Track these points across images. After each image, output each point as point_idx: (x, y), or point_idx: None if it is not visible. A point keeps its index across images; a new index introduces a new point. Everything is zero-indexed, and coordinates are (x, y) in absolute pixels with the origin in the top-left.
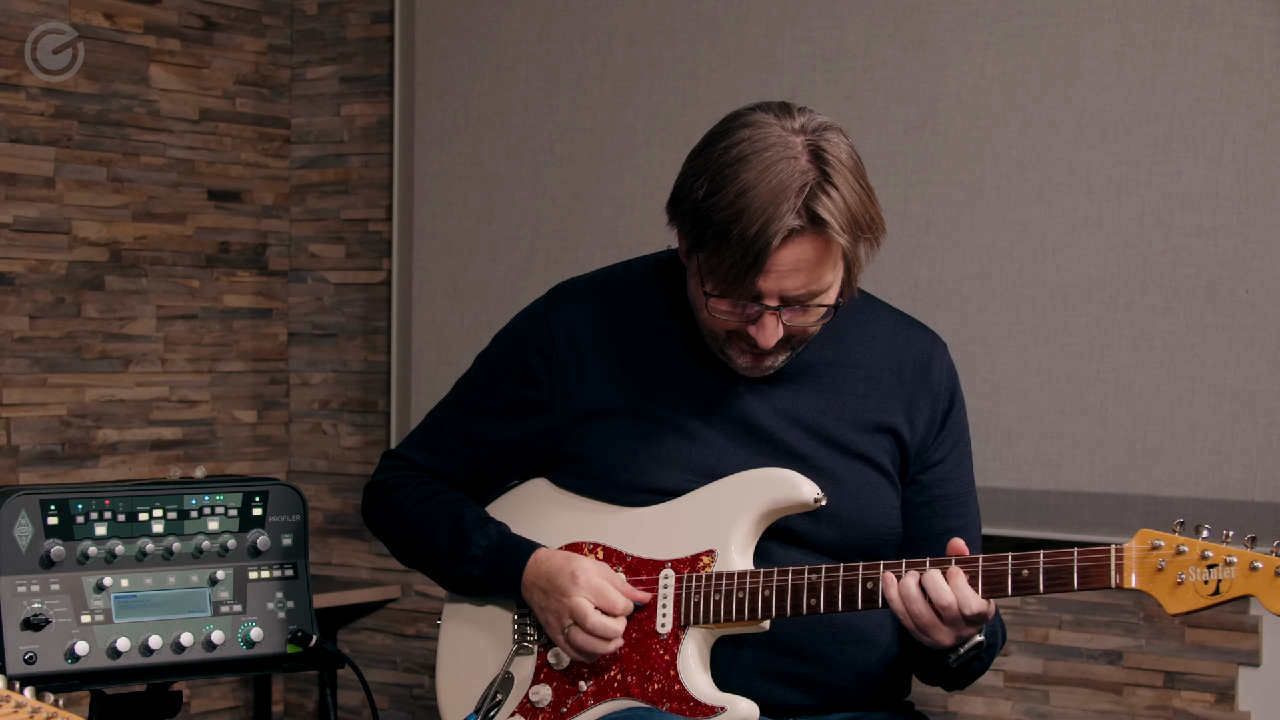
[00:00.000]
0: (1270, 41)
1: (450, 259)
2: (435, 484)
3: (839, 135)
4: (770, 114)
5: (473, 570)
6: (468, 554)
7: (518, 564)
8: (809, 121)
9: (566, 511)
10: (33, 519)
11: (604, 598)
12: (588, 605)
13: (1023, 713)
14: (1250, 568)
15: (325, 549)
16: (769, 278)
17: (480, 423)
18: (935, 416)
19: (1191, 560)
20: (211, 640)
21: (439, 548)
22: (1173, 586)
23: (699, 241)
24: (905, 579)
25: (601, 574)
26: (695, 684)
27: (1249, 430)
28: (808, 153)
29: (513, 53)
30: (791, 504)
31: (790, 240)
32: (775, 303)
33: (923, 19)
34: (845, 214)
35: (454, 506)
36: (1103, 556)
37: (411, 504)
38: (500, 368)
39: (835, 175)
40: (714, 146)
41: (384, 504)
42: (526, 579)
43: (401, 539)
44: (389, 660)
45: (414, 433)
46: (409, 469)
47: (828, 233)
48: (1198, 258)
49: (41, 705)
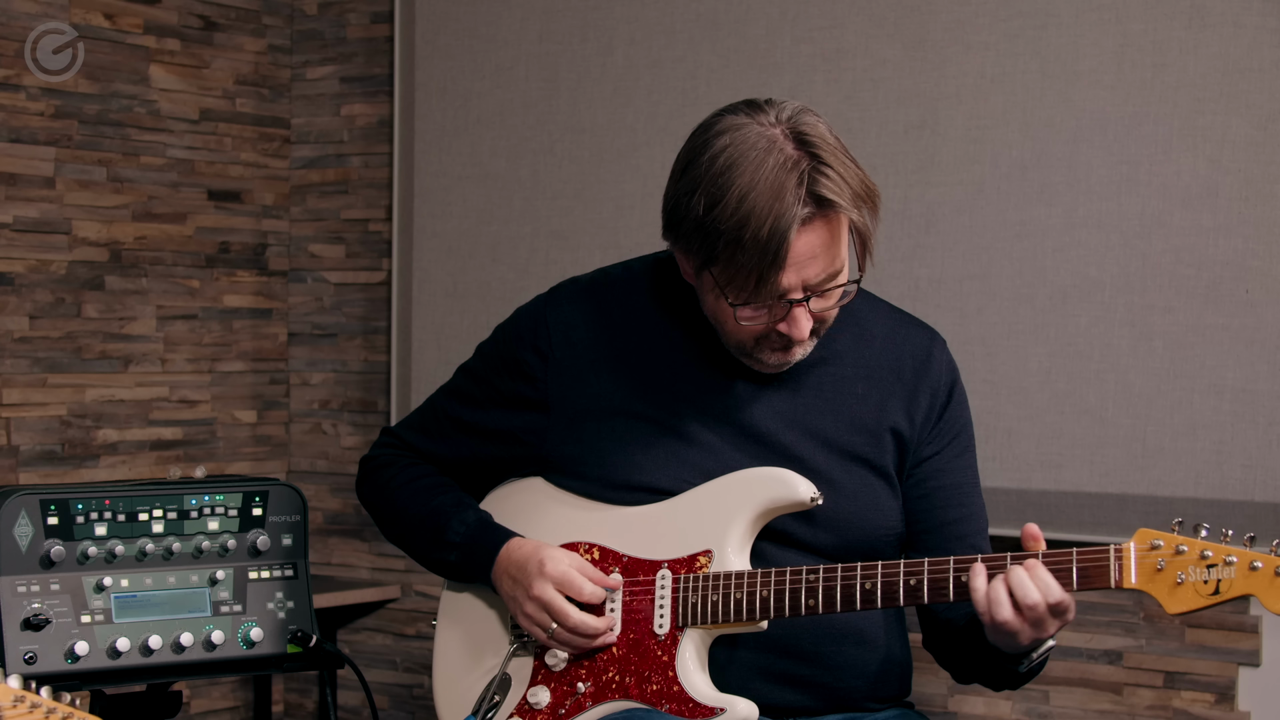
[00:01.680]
0: (1270, 41)
1: (450, 259)
2: (424, 466)
3: (813, 116)
4: (741, 114)
5: (448, 555)
6: (445, 539)
7: (490, 551)
8: (781, 111)
9: (563, 510)
10: (33, 519)
11: (571, 585)
12: (561, 600)
13: (1023, 713)
14: (1250, 567)
15: (325, 549)
16: (790, 272)
17: (475, 411)
18: (933, 410)
19: (1191, 560)
20: (211, 640)
21: (420, 530)
22: (1172, 586)
23: (710, 256)
24: (994, 581)
25: (570, 563)
26: (694, 684)
27: (1249, 430)
28: (792, 141)
29: (513, 53)
30: (788, 503)
31: (804, 229)
32: (800, 294)
33: (923, 19)
34: (847, 189)
35: (437, 490)
36: (1102, 556)
37: (399, 483)
38: (497, 360)
39: (825, 155)
40: (698, 161)
41: (374, 479)
42: (497, 566)
43: (386, 515)
44: (389, 660)
45: (413, 414)
46: (402, 448)
47: (836, 211)
48: (1198, 258)
49: (58, 705)
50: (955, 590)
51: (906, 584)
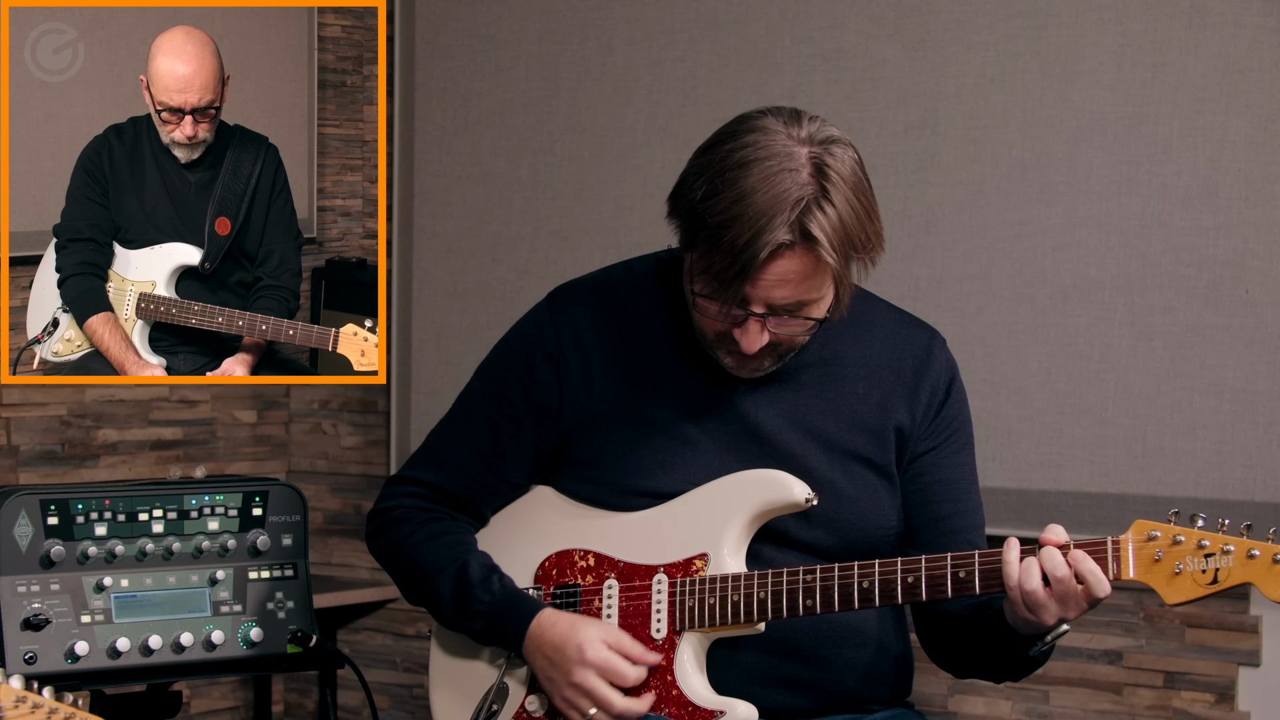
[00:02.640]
0: (1270, 41)
1: (450, 259)
2: (442, 520)
3: (845, 149)
4: (780, 120)
5: (474, 624)
6: (470, 608)
7: (520, 625)
8: (817, 132)
9: (558, 518)
10: (33, 519)
11: (615, 674)
12: (605, 688)
13: (1023, 713)
14: (1247, 555)
15: (325, 549)
16: (757, 287)
17: (491, 434)
18: (931, 406)
19: (1188, 550)
20: (211, 640)
21: (442, 594)
22: (1170, 576)
23: (692, 241)
24: (1026, 560)
25: (609, 643)
26: (693, 688)
27: (1249, 430)
28: (810, 165)
29: (513, 53)
30: (782, 504)
31: (779, 254)
32: (762, 310)
33: (923, 19)
34: (839, 233)
35: (459, 550)
36: (1099, 548)
37: (416, 541)
38: (508, 375)
39: (834, 192)
40: (720, 147)
41: (388, 535)
42: (529, 644)
43: (405, 576)
44: (389, 660)
45: (417, 453)
46: (417, 493)
47: (818, 250)
48: (1198, 258)
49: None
50: (953, 586)
51: (904, 582)
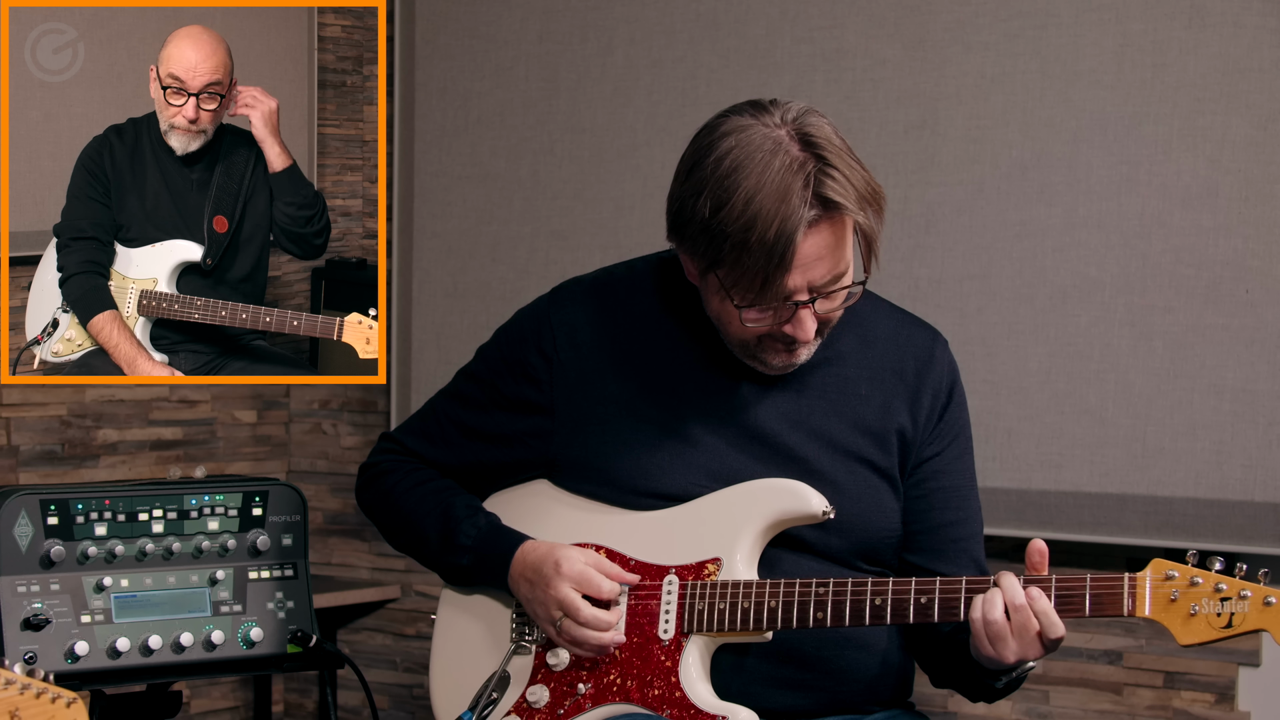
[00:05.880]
0: (1270, 41)
1: (450, 259)
2: (427, 470)
3: (818, 116)
4: (746, 115)
5: (461, 559)
6: (456, 543)
7: (505, 554)
8: (786, 112)
9: (570, 511)
10: (33, 519)
11: (589, 583)
12: (576, 597)
13: (1023, 713)
14: (1264, 602)
15: (325, 549)
16: (796, 274)
17: (477, 416)
18: (934, 411)
19: (1205, 592)
20: (211, 640)
21: (429, 535)
22: (1185, 618)
23: (717, 259)
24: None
25: (587, 560)
26: (696, 692)
27: (1249, 430)
28: (797, 142)
29: (513, 53)
30: (799, 516)
31: (810, 231)
32: (806, 296)
33: (923, 19)
34: (852, 190)
35: (445, 494)
36: (1116, 585)
37: (403, 489)
38: (501, 364)
39: (831, 156)
40: (704, 163)
41: (376, 486)
42: (514, 570)
43: (392, 523)
44: (389, 660)
45: (412, 419)
46: (403, 454)
47: (842, 214)
48: (1198, 258)
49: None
50: (966, 610)
51: (917, 602)
